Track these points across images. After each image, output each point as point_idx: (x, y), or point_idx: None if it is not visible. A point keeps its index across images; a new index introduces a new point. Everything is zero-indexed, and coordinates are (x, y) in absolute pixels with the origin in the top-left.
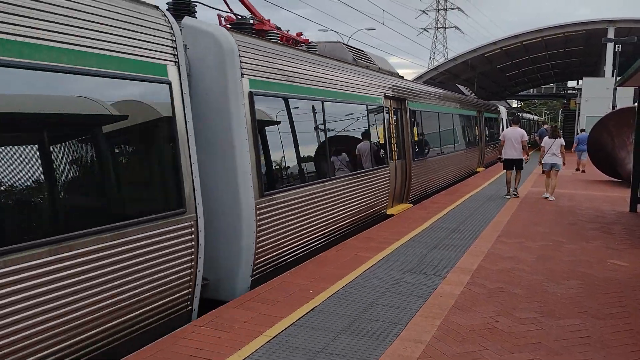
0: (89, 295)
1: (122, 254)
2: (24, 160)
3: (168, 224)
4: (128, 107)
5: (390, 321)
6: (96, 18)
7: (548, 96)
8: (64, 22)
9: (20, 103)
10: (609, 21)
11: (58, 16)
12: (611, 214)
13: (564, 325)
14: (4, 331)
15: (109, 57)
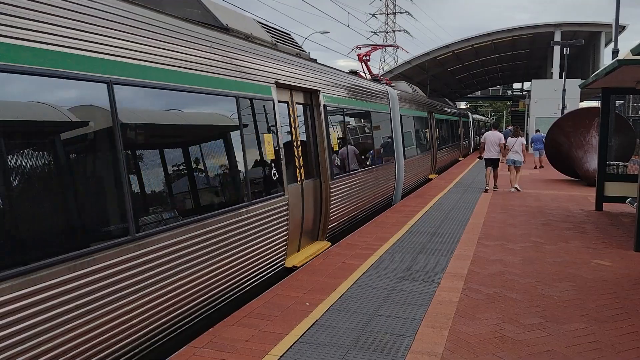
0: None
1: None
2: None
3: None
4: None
5: (397, 333)
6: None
7: (494, 98)
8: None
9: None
10: (555, 25)
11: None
12: (579, 213)
13: (570, 330)
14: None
15: (382, 107)
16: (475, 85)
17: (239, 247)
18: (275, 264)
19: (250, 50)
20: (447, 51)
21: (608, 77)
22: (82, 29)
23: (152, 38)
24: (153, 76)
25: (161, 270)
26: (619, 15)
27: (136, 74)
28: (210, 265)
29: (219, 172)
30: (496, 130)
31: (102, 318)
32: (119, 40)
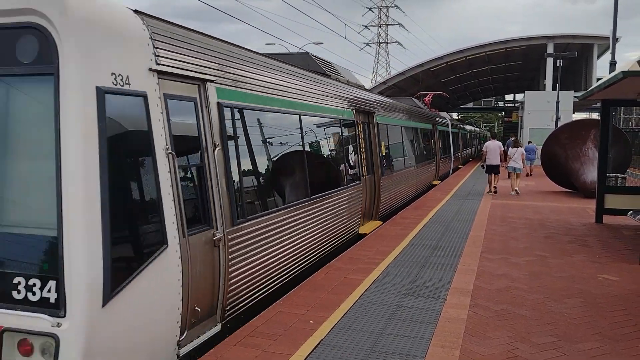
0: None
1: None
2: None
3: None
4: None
5: (406, 353)
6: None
7: (487, 109)
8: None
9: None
10: (548, 37)
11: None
12: (580, 225)
13: (585, 350)
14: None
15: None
16: (468, 97)
17: (345, 210)
18: (355, 228)
19: (342, 87)
20: (441, 62)
21: (609, 89)
22: (297, 91)
23: (312, 87)
24: (310, 109)
25: (322, 215)
26: (616, 28)
27: (307, 109)
28: (337, 218)
29: (339, 164)
30: (496, 140)
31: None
32: (304, 92)
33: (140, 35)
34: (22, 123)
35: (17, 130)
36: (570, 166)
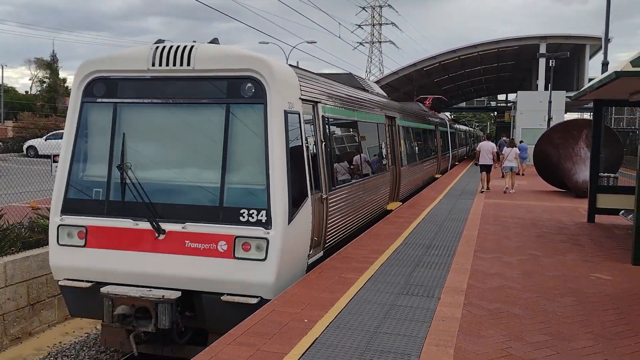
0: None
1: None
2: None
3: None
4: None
5: (401, 352)
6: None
7: (479, 109)
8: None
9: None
10: (541, 37)
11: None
12: (572, 225)
13: (578, 348)
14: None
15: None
16: (461, 96)
17: (382, 189)
18: (385, 204)
19: (376, 99)
20: (434, 62)
21: (602, 89)
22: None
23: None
24: (363, 116)
25: (372, 190)
26: (608, 28)
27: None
28: (379, 193)
29: (381, 155)
30: (489, 140)
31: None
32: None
33: (295, 81)
34: (246, 129)
35: (244, 133)
36: (563, 166)
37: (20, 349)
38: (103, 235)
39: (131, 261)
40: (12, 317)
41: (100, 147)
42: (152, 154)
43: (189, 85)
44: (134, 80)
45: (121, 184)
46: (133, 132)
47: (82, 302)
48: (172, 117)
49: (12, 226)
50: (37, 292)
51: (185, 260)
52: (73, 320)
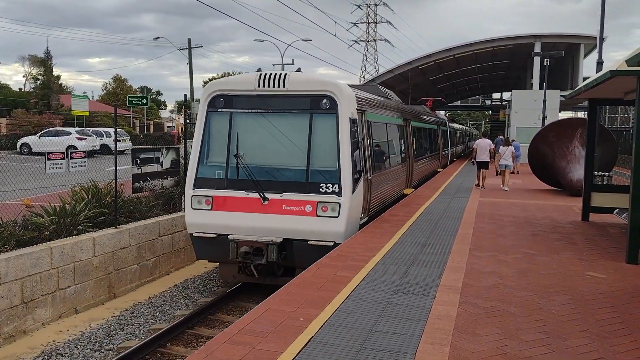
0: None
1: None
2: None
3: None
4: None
5: (397, 350)
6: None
7: (474, 107)
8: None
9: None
10: (536, 36)
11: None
12: (566, 223)
13: (573, 347)
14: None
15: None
16: (456, 95)
17: (403, 176)
18: (402, 190)
19: (397, 104)
20: (429, 60)
21: (596, 88)
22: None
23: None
24: (389, 119)
25: (398, 175)
26: (603, 27)
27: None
28: (401, 179)
29: (402, 150)
30: (486, 138)
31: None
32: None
33: (354, 98)
34: (324, 130)
35: (322, 133)
36: (557, 164)
37: (13, 347)
38: (224, 202)
39: (244, 219)
40: (5, 316)
41: (220, 142)
42: (257, 147)
43: (283, 100)
44: (244, 97)
45: (236, 167)
46: (243, 132)
47: (207, 248)
48: (271, 121)
49: (6, 224)
50: (31, 290)
51: (282, 218)
52: (67, 318)
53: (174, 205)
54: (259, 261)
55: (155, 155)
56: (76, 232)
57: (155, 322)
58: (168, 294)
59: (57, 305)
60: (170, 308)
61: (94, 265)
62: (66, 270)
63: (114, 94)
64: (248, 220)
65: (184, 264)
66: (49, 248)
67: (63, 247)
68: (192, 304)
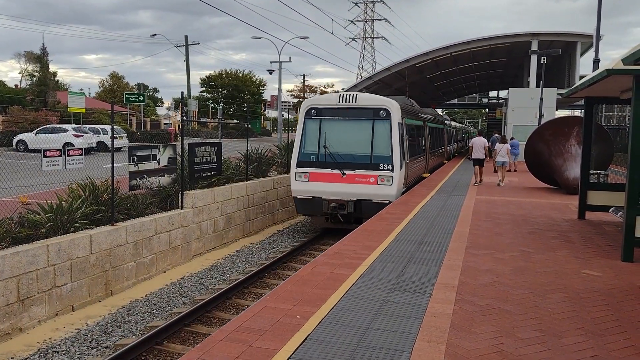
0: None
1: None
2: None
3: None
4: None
5: (393, 348)
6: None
7: (471, 105)
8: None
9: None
10: (533, 34)
11: None
12: (563, 222)
13: (568, 344)
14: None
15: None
16: (453, 93)
17: (424, 164)
18: (422, 173)
19: (418, 109)
20: (426, 58)
21: (593, 87)
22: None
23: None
24: (413, 121)
25: (420, 163)
26: (599, 26)
27: (415, 123)
28: (423, 166)
29: (423, 144)
30: (481, 136)
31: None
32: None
33: (399, 109)
34: (381, 131)
35: (380, 132)
36: (553, 163)
37: (9, 344)
38: (317, 176)
39: (330, 186)
40: (1, 313)
41: (313, 137)
42: (337, 140)
43: (355, 111)
44: (329, 109)
45: (324, 154)
46: (328, 131)
47: (305, 206)
48: (347, 124)
49: (1, 221)
50: (28, 287)
51: (355, 186)
52: (64, 316)
53: (170, 203)
54: (342, 212)
55: (152, 153)
56: (73, 229)
57: (152, 320)
58: (165, 292)
59: (54, 303)
60: (167, 305)
61: (91, 262)
62: (63, 268)
63: (110, 91)
64: (333, 187)
65: (180, 262)
66: (45, 245)
67: (60, 245)
68: (189, 301)
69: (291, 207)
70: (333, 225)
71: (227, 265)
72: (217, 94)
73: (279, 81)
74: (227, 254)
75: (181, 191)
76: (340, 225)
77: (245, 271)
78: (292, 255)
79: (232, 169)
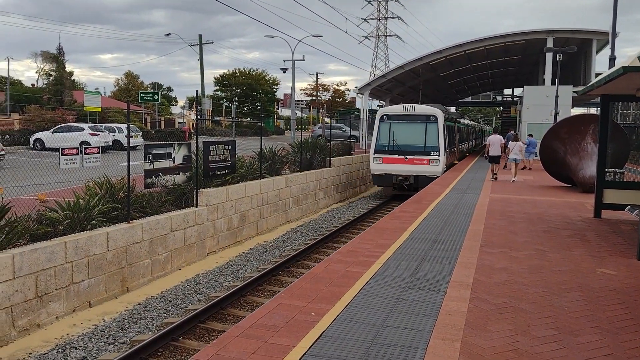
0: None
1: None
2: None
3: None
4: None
5: (408, 345)
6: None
7: (485, 103)
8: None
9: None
10: (548, 31)
11: None
12: (578, 220)
13: (584, 343)
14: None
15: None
16: (467, 91)
17: (457, 155)
18: (453, 161)
19: (450, 112)
20: (440, 56)
21: (609, 84)
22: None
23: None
24: (449, 122)
25: (455, 153)
26: (615, 23)
27: (449, 123)
28: (456, 156)
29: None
30: (496, 134)
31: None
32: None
33: (443, 115)
34: (431, 130)
35: (431, 131)
36: (569, 161)
37: (27, 340)
38: (388, 160)
39: (397, 167)
40: (20, 309)
41: (384, 135)
42: (401, 136)
43: (413, 117)
44: (396, 115)
45: (393, 145)
46: (395, 130)
47: (380, 180)
48: (408, 125)
49: (20, 218)
50: (46, 284)
51: (414, 166)
52: (81, 312)
53: (185, 201)
54: (406, 183)
55: (167, 151)
56: (90, 226)
57: (167, 316)
58: (180, 289)
59: (71, 299)
60: (182, 302)
61: (108, 259)
62: (80, 265)
63: (125, 90)
64: (399, 167)
65: (195, 259)
66: (63, 242)
67: (77, 242)
68: (204, 298)
69: (304, 205)
70: (398, 192)
71: (241, 262)
72: (231, 92)
73: (292, 80)
74: (241, 252)
75: (196, 189)
76: (403, 192)
77: (259, 269)
78: (305, 253)
79: (246, 168)
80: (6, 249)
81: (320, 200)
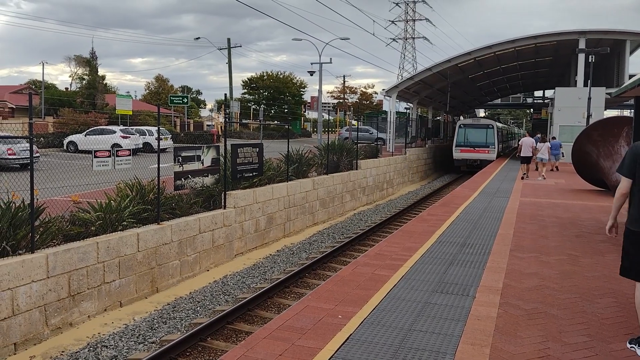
0: None
1: None
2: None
3: (500, 145)
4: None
5: (436, 350)
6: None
7: (515, 105)
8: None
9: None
10: (580, 32)
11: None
12: None
13: (617, 350)
14: None
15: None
16: (496, 93)
17: (501, 147)
18: (500, 152)
19: (489, 120)
20: (469, 58)
21: None
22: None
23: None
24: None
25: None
26: None
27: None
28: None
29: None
30: (528, 136)
31: None
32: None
33: (496, 122)
34: (490, 133)
35: (489, 134)
36: (602, 164)
37: (60, 338)
38: (463, 150)
39: (469, 154)
40: (53, 308)
41: (462, 136)
42: (471, 137)
43: (479, 125)
44: (468, 124)
45: (466, 142)
46: (468, 134)
47: (458, 163)
48: (476, 130)
49: (54, 219)
50: (78, 283)
51: (479, 154)
52: (112, 311)
53: (214, 203)
54: (475, 164)
55: (196, 154)
56: (121, 227)
57: (196, 317)
58: (208, 290)
59: (103, 299)
60: (211, 303)
61: (138, 260)
62: (111, 265)
63: (156, 94)
64: (470, 154)
65: (223, 261)
66: (95, 243)
67: (109, 242)
68: (232, 299)
69: (331, 207)
70: (468, 170)
71: (269, 264)
72: (259, 95)
73: (319, 82)
74: (268, 254)
75: (224, 191)
76: (471, 170)
77: (286, 270)
78: (332, 256)
79: (273, 170)
80: (40, 249)
81: (347, 203)
